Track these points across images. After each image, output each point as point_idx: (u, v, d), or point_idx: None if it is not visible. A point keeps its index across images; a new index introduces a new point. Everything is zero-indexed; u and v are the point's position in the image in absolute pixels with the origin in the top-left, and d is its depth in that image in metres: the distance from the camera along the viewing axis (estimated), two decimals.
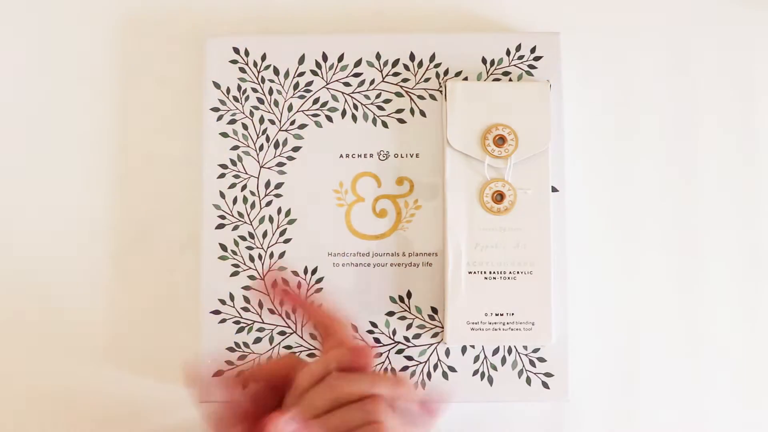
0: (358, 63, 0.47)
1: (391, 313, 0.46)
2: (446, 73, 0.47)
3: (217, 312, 0.46)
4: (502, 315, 0.45)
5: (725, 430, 0.48)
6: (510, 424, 0.48)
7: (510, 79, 0.47)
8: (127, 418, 0.48)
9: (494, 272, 0.45)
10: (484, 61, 0.47)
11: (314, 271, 0.46)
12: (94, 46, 0.50)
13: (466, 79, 0.47)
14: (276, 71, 0.47)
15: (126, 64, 0.50)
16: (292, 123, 0.47)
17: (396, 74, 0.47)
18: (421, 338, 0.46)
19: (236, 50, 0.47)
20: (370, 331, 0.45)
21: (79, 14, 0.50)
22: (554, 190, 0.46)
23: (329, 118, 0.47)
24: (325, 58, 0.47)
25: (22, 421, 0.48)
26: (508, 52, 0.47)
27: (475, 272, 0.45)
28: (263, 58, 0.47)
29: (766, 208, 0.49)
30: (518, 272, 0.45)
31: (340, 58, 0.47)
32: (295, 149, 0.47)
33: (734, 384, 0.48)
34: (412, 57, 0.47)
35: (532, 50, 0.47)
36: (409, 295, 0.46)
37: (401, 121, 0.47)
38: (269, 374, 0.36)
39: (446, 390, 0.45)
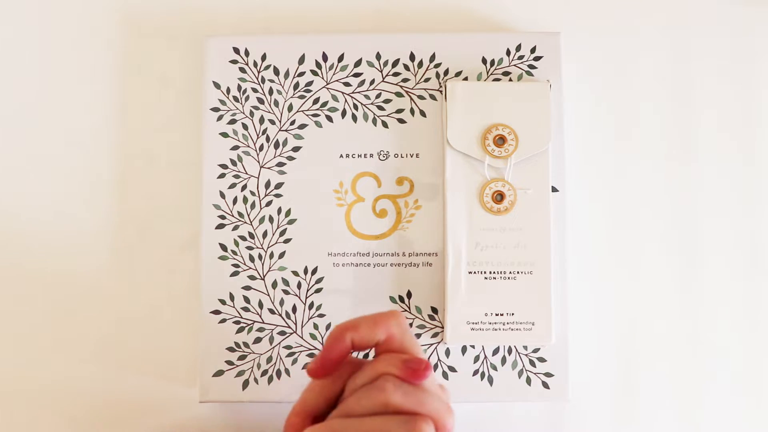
0: (358, 63, 0.47)
1: None
2: (446, 73, 0.47)
3: (217, 312, 0.46)
4: (502, 315, 0.45)
5: (725, 430, 0.48)
6: (510, 424, 0.48)
7: (510, 79, 0.47)
8: (127, 418, 0.48)
9: (494, 272, 0.45)
10: (484, 61, 0.47)
11: (314, 271, 0.46)
12: (94, 45, 0.50)
13: (466, 79, 0.47)
14: (276, 71, 0.47)
15: (126, 64, 0.50)
16: (292, 123, 0.47)
17: (396, 74, 0.47)
18: (421, 338, 0.46)
19: (236, 50, 0.47)
20: None
21: (79, 14, 0.50)
22: (554, 190, 0.46)
23: (329, 118, 0.47)
24: (325, 58, 0.47)
25: (21, 421, 0.48)
26: (508, 52, 0.47)
27: (475, 272, 0.45)
28: (263, 58, 0.47)
29: (766, 208, 0.49)
30: (518, 272, 0.45)
31: (340, 58, 0.47)
32: (295, 149, 0.47)
33: (734, 384, 0.48)
34: (412, 57, 0.47)
35: (532, 50, 0.47)
36: (409, 295, 0.46)
37: (401, 121, 0.47)
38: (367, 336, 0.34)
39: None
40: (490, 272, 0.45)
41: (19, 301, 0.48)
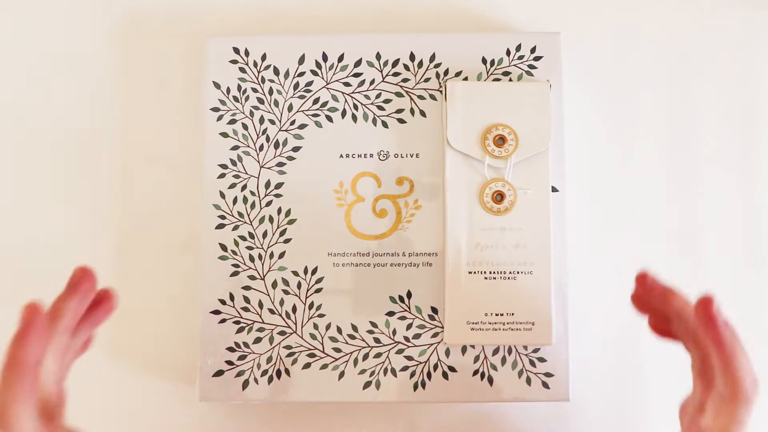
0: (358, 63, 0.47)
1: (391, 313, 0.46)
2: (446, 73, 0.47)
3: (217, 312, 0.46)
4: (502, 315, 0.45)
5: None
6: (510, 424, 0.48)
7: (510, 79, 0.47)
8: (127, 418, 0.48)
9: (494, 272, 0.45)
10: (484, 61, 0.47)
11: (314, 271, 0.46)
12: (95, 45, 0.50)
13: (466, 79, 0.47)
14: (276, 71, 0.47)
15: (126, 64, 0.50)
16: (292, 123, 0.47)
17: (396, 74, 0.47)
18: (421, 338, 0.46)
19: (236, 50, 0.47)
20: (370, 331, 0.45)
21: (80, 14, 0.50)
22: (554, 190, 0.46)
23: (329, 118, 0.47)
24: (325, 58, 0.47)
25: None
26: (508, 52, 0.47)
27: (475, 272, 0.45)
28: (263, 58, 0.47)
29: (767, 208, 0.49)
30: (518, 272, 0.45)
31: (340, 58, 0.47)
32: (295, 149, 0.47)
33: None
34: (412, 57, 0.47)
35: (532, 50, 0.47)
36: (409, 295, 0.46)
37: (401, 121, 0.47)
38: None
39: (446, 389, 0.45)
40: (490, 272, 0.45)
41: (18, 301, 0.48)
